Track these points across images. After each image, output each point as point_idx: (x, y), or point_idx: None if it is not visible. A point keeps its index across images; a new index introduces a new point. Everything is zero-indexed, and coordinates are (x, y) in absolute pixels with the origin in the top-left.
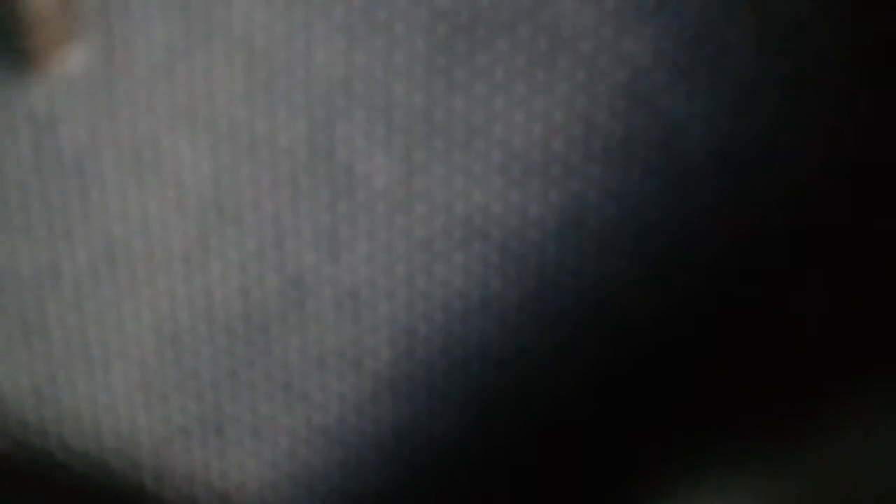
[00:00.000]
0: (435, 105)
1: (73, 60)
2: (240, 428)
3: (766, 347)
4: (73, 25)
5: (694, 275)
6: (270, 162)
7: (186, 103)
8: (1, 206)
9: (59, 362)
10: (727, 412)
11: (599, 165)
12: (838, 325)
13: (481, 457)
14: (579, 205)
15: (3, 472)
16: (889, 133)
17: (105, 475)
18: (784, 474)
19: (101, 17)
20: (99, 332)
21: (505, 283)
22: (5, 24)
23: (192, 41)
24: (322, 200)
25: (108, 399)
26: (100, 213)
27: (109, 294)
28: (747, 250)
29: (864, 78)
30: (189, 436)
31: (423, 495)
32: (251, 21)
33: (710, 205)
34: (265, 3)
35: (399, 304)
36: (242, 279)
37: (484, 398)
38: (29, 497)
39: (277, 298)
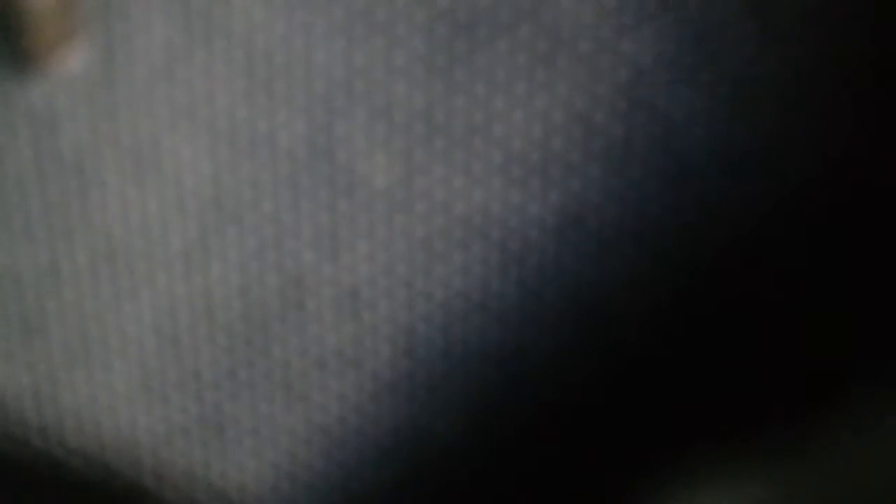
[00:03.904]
0: (435, 105)
1: (73, 60)
2: (240, 428)
3: (766, 347)
4: (73, 25)
5: (694, 274)
6: (270, 162)
7: (186, 103)
8: (1, 206)
9: (59, 362)
10: (727, 412)
11: (599, 165)
12: (838, 325)
13: (481, 456)
14: (579, 204)
15: (3, 472)
16: (890, 133)
17: (105, 475)
18: (784, 474)
19: (101, 17)
20: (99, 332)
21: (505, 283)
22: (5, 24)
23: (192, 41)
24: (322, 200)
25: (108, 399)
26: (100, 213)
27: (109, 294)
28: (747, 250)
29: (864, 78)
30: (189, 436)
31: (423, 495)
32: (251, 21)
33: (710, 205)
34: (265, 3)
35: (399, 304)
36: (242, 279)
37: (484, 398)
38: (29, 497)
39: (277, 298)
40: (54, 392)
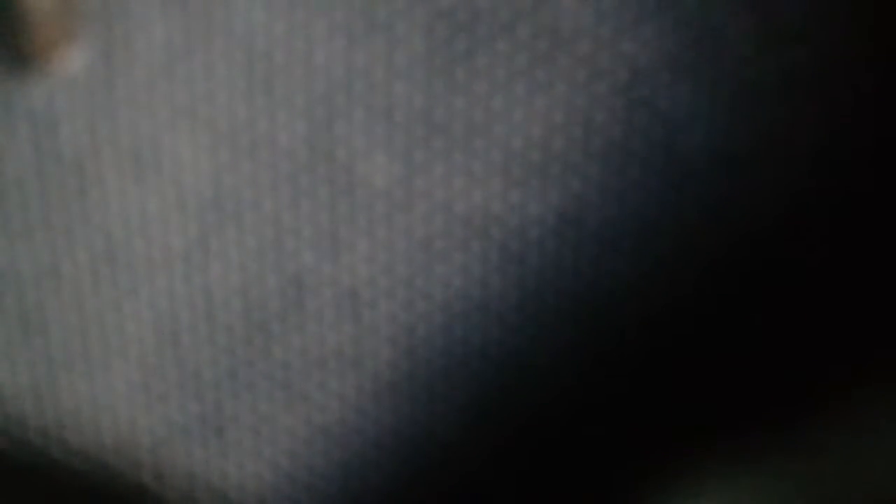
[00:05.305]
0: (435, 105)
1: (73, 60)
2: (240, 428)
3: (766, 347)
4: (73, 25)
5: (694, 274)
6: (270, 162)
7: (186, 103)
8: (1, 206)
9: (59, 362)
10: (727, 412)
11: (599, 165)
12: (839, 325)
13: (482, 457)
14: (579, 204)
15: (3, 472)
16: (890, 133)
17: (105, 475)
18: (783, 474)
19: (101, 17)
20: (99, 332)
21: (505, 283)
22: (5, 24)
23: (192, 41)
24: (322, 200)
25: (108, 399)
26: (100, 213)
27: (109, 294)
28: (747, 250)
29: (865, 78)
30: (189, 436)
31: (423, 495)
32: (251, 21)
33: (710, 205)
34: (265, 3)
35: (399, 304)
36: (242, 279)
37: (484, 398)
38: (29, 497)
39: (277, 298)
40: (54, 392)
